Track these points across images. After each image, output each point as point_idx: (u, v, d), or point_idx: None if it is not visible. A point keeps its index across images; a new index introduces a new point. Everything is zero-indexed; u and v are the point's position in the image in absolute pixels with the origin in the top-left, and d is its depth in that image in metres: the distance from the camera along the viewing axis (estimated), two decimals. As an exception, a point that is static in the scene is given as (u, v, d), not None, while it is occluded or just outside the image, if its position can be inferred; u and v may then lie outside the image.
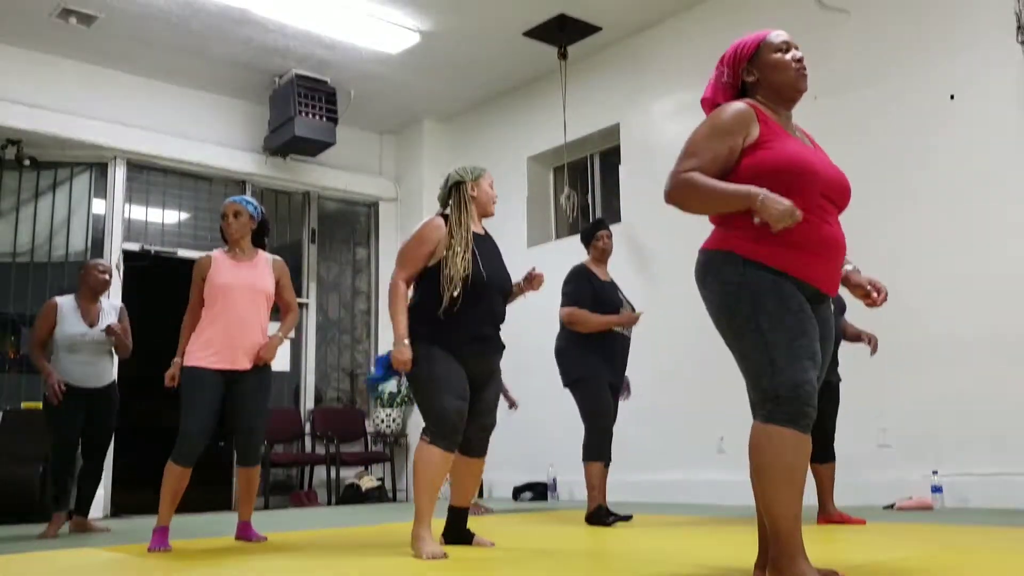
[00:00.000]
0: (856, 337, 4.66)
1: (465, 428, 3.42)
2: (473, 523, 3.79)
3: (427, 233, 3.49)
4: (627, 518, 4.61)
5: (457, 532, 3.62)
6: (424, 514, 3.33)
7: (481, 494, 8.03)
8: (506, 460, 7.53)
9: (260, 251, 4.24)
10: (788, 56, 2.36)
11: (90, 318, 5.13)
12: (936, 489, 5.03)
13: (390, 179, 9.22)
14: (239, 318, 3.99)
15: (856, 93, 5.83)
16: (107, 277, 5.25)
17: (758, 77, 2.37)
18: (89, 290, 5.18)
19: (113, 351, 5.25)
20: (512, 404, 6.07)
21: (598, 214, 7.95)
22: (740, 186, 2.16)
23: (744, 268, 2.21)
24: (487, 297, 3.46)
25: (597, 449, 4.66)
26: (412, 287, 3.54)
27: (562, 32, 7.17)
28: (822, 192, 2.25)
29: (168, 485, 3.84)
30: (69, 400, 4.98)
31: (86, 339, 5.06)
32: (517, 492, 7.57)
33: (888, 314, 5.46)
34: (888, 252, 5.53)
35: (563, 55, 7.43)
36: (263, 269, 4.17)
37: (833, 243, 2.26)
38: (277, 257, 4.32)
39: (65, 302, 5.15)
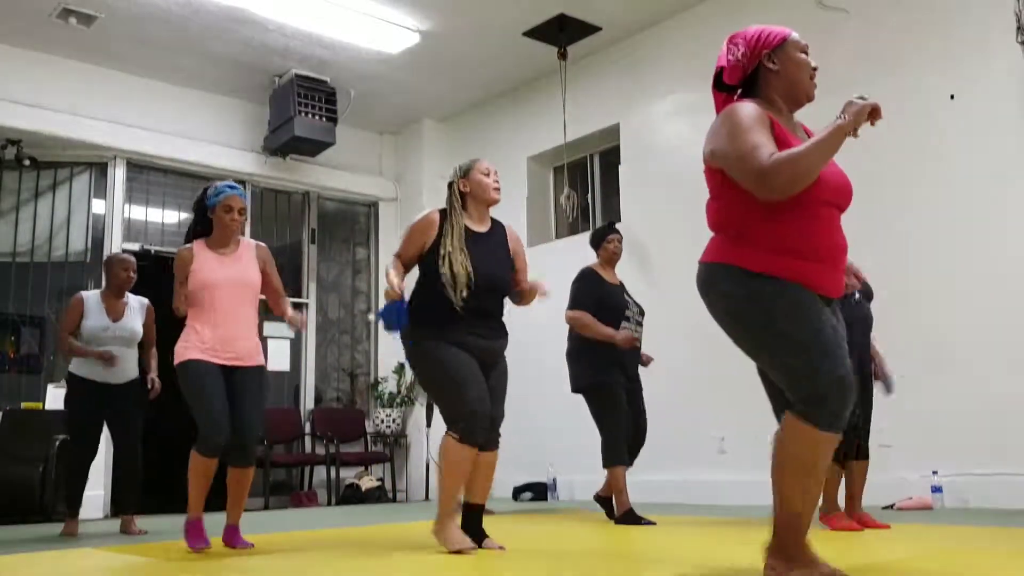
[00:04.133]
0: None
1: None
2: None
3: (416, 228, 3.58)
4: (652, 523, 4.61)
5: (472, 531, 3.52)
6: (450, 510, 3.36)
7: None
8: (506, 460, 7.47)
9: (242, 239, 3.99)
10: (809, 59, 2.38)
11: (115, 313, 5.08)
12: (936, 489, 5.03)
13: (390, 179, 9.22)
14: (228, 316, 3.80)
15: (856, 93, 5.82)
16: (131, 274, 5.17)
17: (779, 69, 2.34)
18: (114, 287, 5.16)
19: (139, 348, 5.20)
20: None
21: (598, 214, 7.96)
22: (827, 131, 2.12)
23: (749, 281, 2.19)
24: (476, 296, 3.47)
25: (619, 453, 4.71)
26: (416, 288, 3.58)
27: (562, 32, 7.16)
28: (827, 198, 2.23)
29: (195, 476, 3.65)
30: (87, 396, 4.95)
31: (108, 333, 5.00)
32: (517, 492, 7.57)
33: (888, 314, 5.48)
34: (888, 252, 5.53)
35: (563, 55, 7.43)
36: (248, 261, 3.93)
37: (837, 250, 2.26)
38: (260, 243, 4.08)
39: (91, 297, 5.13)
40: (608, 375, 4.76)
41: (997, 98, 5.19)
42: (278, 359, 8.43)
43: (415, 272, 3.66)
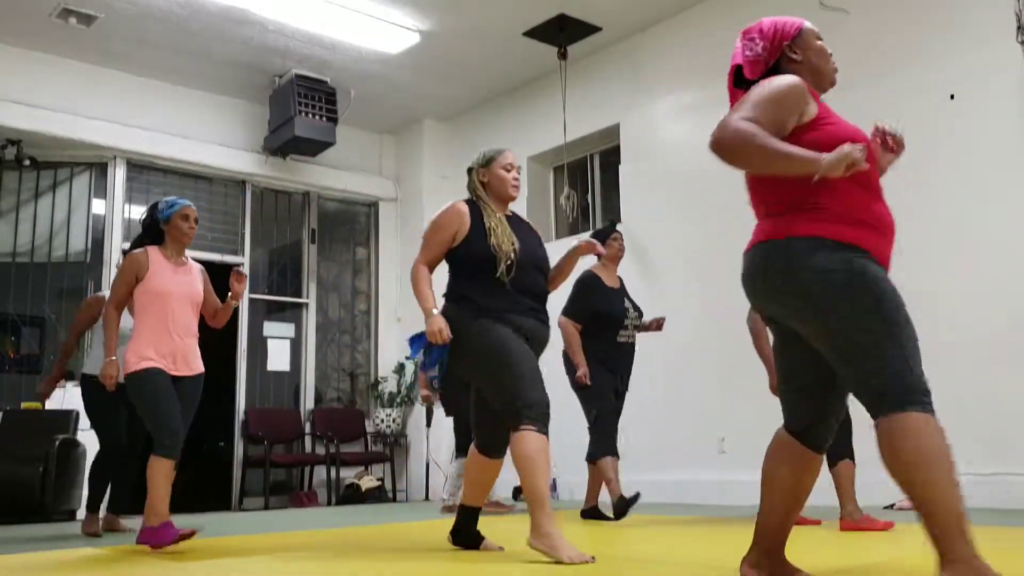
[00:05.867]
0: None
1: (499, 425, 3.28)
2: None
3: (443, 219, 3.36)
4: (636, 497, 4.67)
5: (467, 534, 3.48)
6: (548, 508, 3.08)
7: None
8: (506, 460, 7.53)
9: (187, 258, 4.16)
10: (825, 46, 2.36)
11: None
12: (936, 489, 5.02)
13: (390, 179, 9.22)
14: (180, 326, 3.96)
15: (856, 93, 5.82)
16: None
17: (801, 59, 2.32)
18: None
19: None
20: None
21: (598, 214, 7.96)
22: (807, 151, 2.00)
23: (844, 253, 2.06)
24: (523, 271, 3.29)
25: (605, 446, 4.81)
26: (452, 279, 3.38)
27: (562, 32, 7.17)
28: (877, 175, 2.22)
29: (163, 479, 3.79)
30: (110, 397, 4.85)
31: (128, 334, 4.98)
32: (517, 492, 7.56)
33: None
34: (888, 252, 5.53)
35: (563, 55, 7.43)
36: (196, 277, 4.12)
37: (892, 223, 2.26)
38: (201, 265, 4.25)
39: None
40: (597, 377, 4.84)
41: (997, 98, 5.19)
42: (278, 359, 8.44)
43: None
